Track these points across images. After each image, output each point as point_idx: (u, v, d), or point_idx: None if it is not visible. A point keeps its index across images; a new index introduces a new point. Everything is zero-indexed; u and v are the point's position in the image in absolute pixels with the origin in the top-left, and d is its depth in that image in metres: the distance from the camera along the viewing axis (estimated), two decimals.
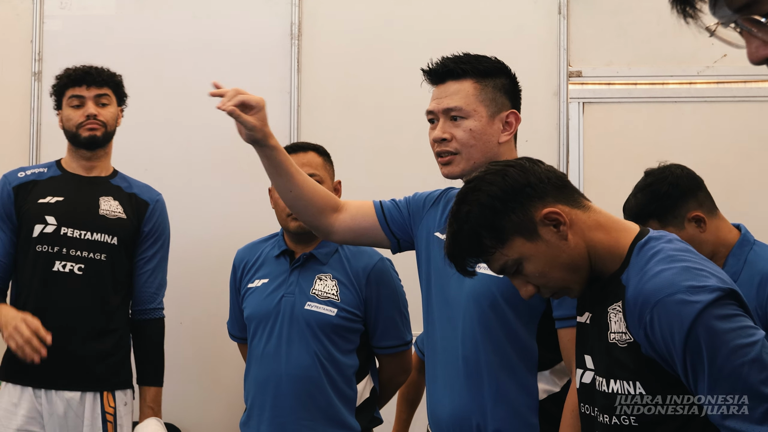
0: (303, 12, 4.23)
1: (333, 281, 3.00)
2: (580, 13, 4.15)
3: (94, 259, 3.26)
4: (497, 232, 1.89)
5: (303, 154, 3.03)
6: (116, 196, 3.36)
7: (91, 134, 3.30)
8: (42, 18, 4.30)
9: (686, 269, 1.76)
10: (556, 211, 1.88)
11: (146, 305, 3.38)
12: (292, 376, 2.93)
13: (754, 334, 1.70)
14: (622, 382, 1.83)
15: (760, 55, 1.23)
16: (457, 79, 2.35)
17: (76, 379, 3.24)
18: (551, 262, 1.89)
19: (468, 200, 1.92)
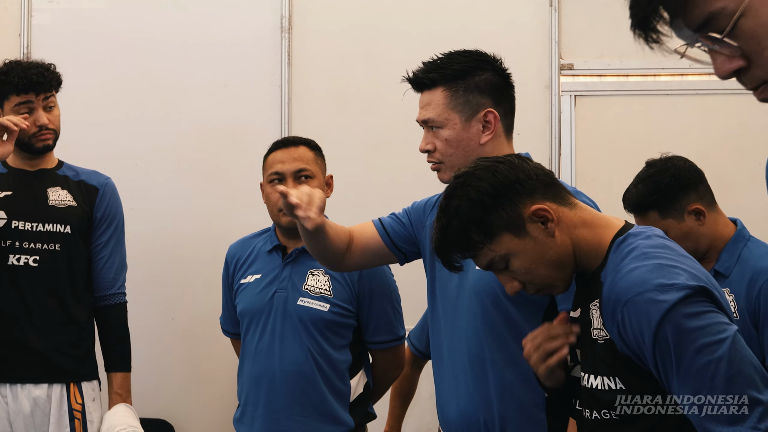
0: (293, 5, 4.21)
1: (325, 277, 2.99)
2: (571, 6, 4.14)
3: (48, 249, 3.22)
4: (485, 228, 1.89)
5: (294, 148, 3.02)
6: (64, 186, 3.32)
7: (45, 144, 3.26)
8: (30, 12, 4.27)
9: (658, 266, 1.76)
10: (545, 208, 1.89)
11: (106, 291, 3.34)
12: (286, 371, 2.92)
13: (724, 330, 1.69)
14: (602, 377, 1.84)
15: (725, 69, 1.26)
16: (428, 89, 2.37)
17: (40, 372, 3.20)
18: (538, 259, 1.90)
19: (457, 195, 1.92)
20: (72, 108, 3.74)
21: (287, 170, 2.97)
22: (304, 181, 2.95)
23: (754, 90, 1.27)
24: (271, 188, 2.97)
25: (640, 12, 1.28)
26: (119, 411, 3.20)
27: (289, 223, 2.96)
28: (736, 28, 1.22)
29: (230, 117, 4.19)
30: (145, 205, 3.93)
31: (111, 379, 3.31)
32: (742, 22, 1.22)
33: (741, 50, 1.24)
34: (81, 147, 3.73)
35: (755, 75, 1.25)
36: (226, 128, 4.20)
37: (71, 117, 3.59)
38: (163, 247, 4.13)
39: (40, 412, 3.20)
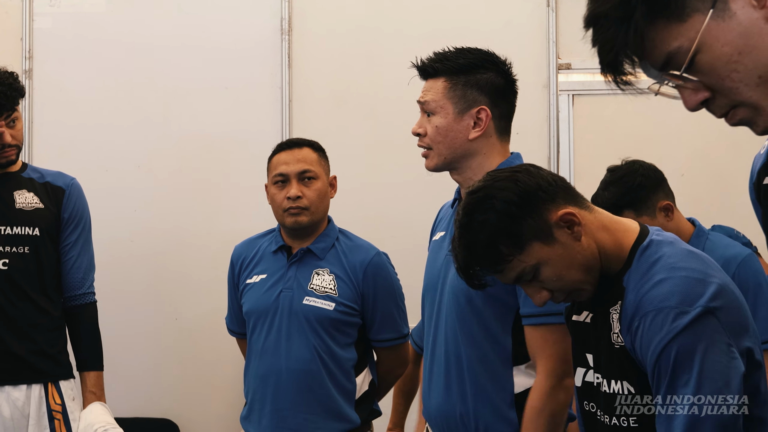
0: (293, 7, 4.25)
1: (330, 276, 3.02)
2: (568, 6, 4.18)
3: (17, 252, 3.23)
4: (515, 239, 1.86)
5: (298, 150, 3.05)
6: (30, 188, 3.32)
7: (8, 160, 3.27)
8: (32, 16, 4.30)
9: (686, 281, 1.77)
10: (571, 212, 1.87)
11: (75, 291, 3.35)
12: (292, 370, 2.95)
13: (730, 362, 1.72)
14: (621, 382, 1.85)
15: (692, 102, 1.34)
16: (432, 77, 2.42)
17: (17, 374, 3.22)
18: (569, 264, 1.88)
19: (481, 209, 1.89)
20: (73, 111, 3.78)
21: (291, 171, 3.00)
22: (308, 182, 2.99)
23: (724, 116, 1.34)
24: (276, 189, 3.01)
25: (606, 57, 1.35)
26: (95, 409, 3.21)
27: (293, 224, 3.00)
28: (695, 63, 1.29)
29: (231, 119, 4.23)
30: (147, 208, 3.97)
31: (84, 378, 3.32)
32: (699, 58, 1.29)
33: (703, 83, 1.31)
34: (82, 150, 3.77)
35: (721, 103, 1.32)
36: (227, 130, 4.23)
37: (73, 120, 3.64)
38: (166, 249, 4.16)
39: (19, 414, 3.21)
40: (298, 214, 2.97)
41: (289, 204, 2.97)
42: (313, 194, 2.98)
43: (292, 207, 2.96)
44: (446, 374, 2.39)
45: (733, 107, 1.32)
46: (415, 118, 2.60)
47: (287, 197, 2.96)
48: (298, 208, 2.96)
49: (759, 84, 1.30)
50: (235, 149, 4.19)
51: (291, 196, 2.95)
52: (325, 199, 3.02)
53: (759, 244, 3.76)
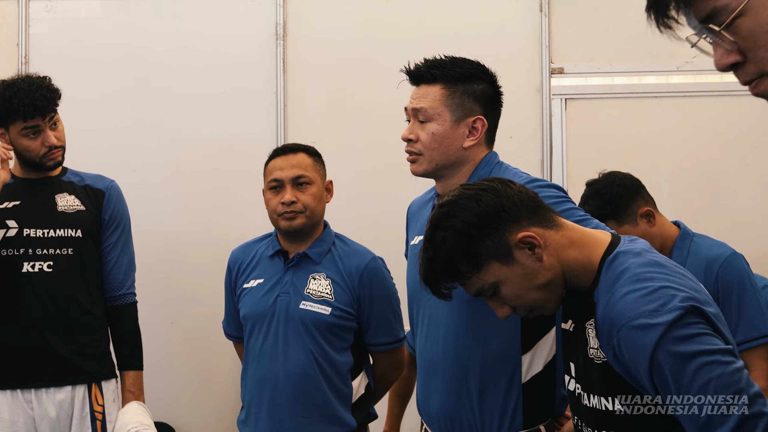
0: (288, 12, 4.27)
1: (327, 280, 3.04)
2: (561, 11, 4.20)
3: (61, 254, 3.29)
4: (473, 258, 1.89)
5: (293, 155, 3.07)
6: (71, 191, 3.39)
7: (55, 162, 3.33)
8: (28, 21, 4.32)
9: (651, 291, 1.77)
10: (531, 235, 1.88)
11: (116, 291, 3.41)
12: (289, 374, 2.97)
13: (717, 352, 1.71)
14: (600, 398, 1.86)
15: (722, 62, 1.35)
16: (428, 83, 2.44)
17: (62, 376, 3.27)
18: (527, 284, 1.90)
19: (442, 226, 1.92)
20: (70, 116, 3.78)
21: (286, 177, 3.02)
22: (302, 188, 3.01)
23: (748, 84, 1.35)
24: (271, 195, 3.03)
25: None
26: (132, 409, 3.25)
27: (287, 227, 3.02)
28: (736, 25, 1.30)
29: (226, 123, 4.25)
30: (143, 212, 3.98)
31: (123, 378, 3.39)
32: (742, 21, 1.30)
33: (738, 46, 1.32)
34: (79, 155, 3.76)
35: (749, 70, 1.33)
36: (222, 134, 4.25)
37: (69, 125, 3.63)
38: (162, 253, 4.18)
39: (65, 415, 3.27)
40: (293, 218, 3.00)
41: (283, 209, 2.99)
42: (309, 198, 3.01)
43: (287, 212, 2.99)
44: (447, 376, 2.39)
45: (761, 77, 1.33)
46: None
47: (282, 202, 2.99)
48: (292, 212, 2.99)
49: None
50: (230, 153, 4.21)
51: (285, 201, 2.98)
52: (320, 204, 3.05)
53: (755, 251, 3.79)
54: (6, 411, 3.26)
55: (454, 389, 2.39)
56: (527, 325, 2.33)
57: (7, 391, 3.26)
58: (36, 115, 3.23)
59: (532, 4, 4.21)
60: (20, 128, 3.26)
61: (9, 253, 3.26)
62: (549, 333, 2.37)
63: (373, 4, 4.27)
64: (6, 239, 3.27)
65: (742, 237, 3.91)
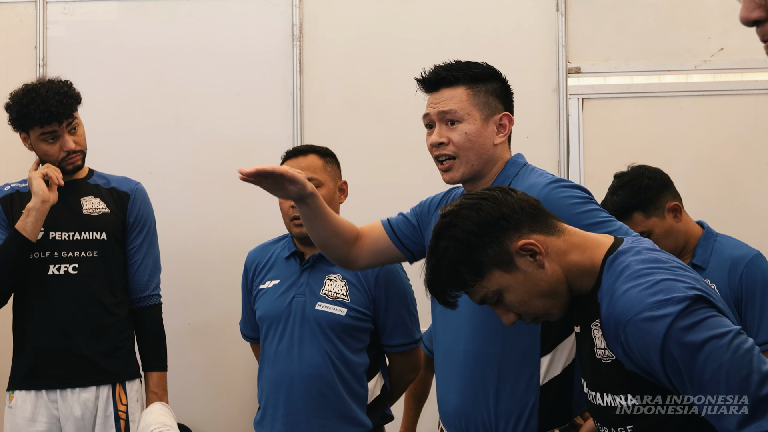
0: (304, 13, 4.27)
1: (342, 281, 3.04)
2: (577, 10, 4.19)
3: (86, 257, 3.32)
4: (475, 267, 1.92)
5: (303, 158, 3.07)
6: (96, 194, 3.42)
7: (74, 166, 3.36)
8: (45, 24, 4.34)
9: (651, 284, 1.78)
10: (532, 242, 1.90)
11: (141, 293, 3.45)
12: (305, 375, 2.98)
13: (726, 334, 1.71)
14: (612, 396, 1.87)
15: (747, 15, 1.36)
16: (450, 86, 2.43)
17: (87, 376, 3.30)
18: (530, 291, 1.92)
19: (444, 236, 1.94)
20: (88, 118, 3.79)
21: None
22: None
23: (765, 42, 1.36)
24: (283, 199, 3.04)
25: None
26: (155, 410, 3.27)
27: (298, 234, 3.03)
28: None
29: (243, 124, 4.25)
30: (161, 213, 3.96)
31: (147, 378, 3.42)
32: None
33: (765, 2, 1.33)
34: (97, 156, 3.78)
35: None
36: (239, 135, 4.26)
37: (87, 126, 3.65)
38: (179, 254, 4.19)
39: (89, 414, 3.30)
40: (302, 225, 2.99)
41: (293, 213, 3.00)
42: None
43: (296, 216, 2.99)
44: (465, 374, 2.39)
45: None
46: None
47: (291, 206, 2.99)
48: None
49: None
50: (247, 154, 4.22)
51: (294, 205, 2.98)
52: (331, 205, 3.02)
53: None
54: (29, 410, 3.29)
55: (471, 389, 2.38)
56: (547, 327, 2.33)
57: (31, 391, 3.30)
58: (52, 121, 3.26)
59: (548, 4, 4.20)
60: (39, 133, 3.29)
61: (35, 255, 3.29)
62: (569, 336, 2.36)
63: (389, 5, 4.27)
64: None
65: (761, 236, 3.89)
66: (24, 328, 3.32)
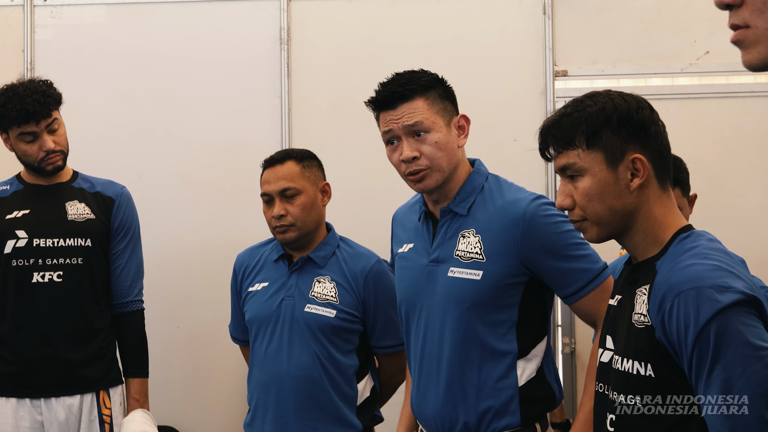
0: (291, 17, 4.29)
1: (331, 283, 3.05)
2: (564, 14, 4.22)
3: (71, 264, 3.30)
4: (593, 136, 1.92)
5: (280, 166, 3.06)
6: (81, 198, 3.39)
7: (54, 166, 3.32)
8: (33, 27, 4.34)
9: (717, 267, 1.79)
10: (645, 164, 1.91)
11: (123, 299, 3.42)
12: (294, 377, 2.98)
13: (763, 348, 1.71)
14: (634, 361, 1.87)
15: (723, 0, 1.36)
16: (407, 100, 2.45)
17: (71, 384, 3.29)
18: (603, 194, 1.93)
19: (596, 99, 1.95)
20: (75, 121, 3.81)
21: (273, 190, 3.02)
22: (291, 199, 3.01)
23: (733, 29, 1.37)
24: (265, 207, 3.06)
25: None
26: (136, 417, 3.27)
27: (282, 241, 3.06)
28: None
29: (231, 128, 4.26)
30: (149, 216, 3.99)
31: (129, 385, 3.40)
32: None
33: None
34: (85, 160, 3.79)
35: (742, 15, 1.35)
36: (227, 139, 4.27)
37: (75, 130, 3.66)
38: (168, 257, 4.19)
39: (74, 418, 3.29)
40: (284, 232, 3.01)
41: (275, 222, 3.02)
42: (297, 210, 3.00)
43: (278, 225, 3.01)
44: (445, 379, 2.44)
45: (746, 27, 1.35)
46: None
47: (273, 216, 3.01)
48: (282, 226, 3.00)
49: None
50: (234, 158, 4.23)
51: (275, 215, 3.00)
52: (312, 211, 3.04)
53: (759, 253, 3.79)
54: (11, 416, 3.27)
55: (450, 393, 2.44)
56: (522, 333, 2.41)
57: (12, 398, 3.28)
58: (30, 121, 3.22)
59: (535, 7, 4.22)
60: (17, 133, 3.25)
61: (20, 263, 3.27)
62: (542, 341, 2.46)
63: (376, 9, 4.29)
64: (16, 249, 3.28)
65: (746, 239, 3.92)
66: (6, 336, 3.28)
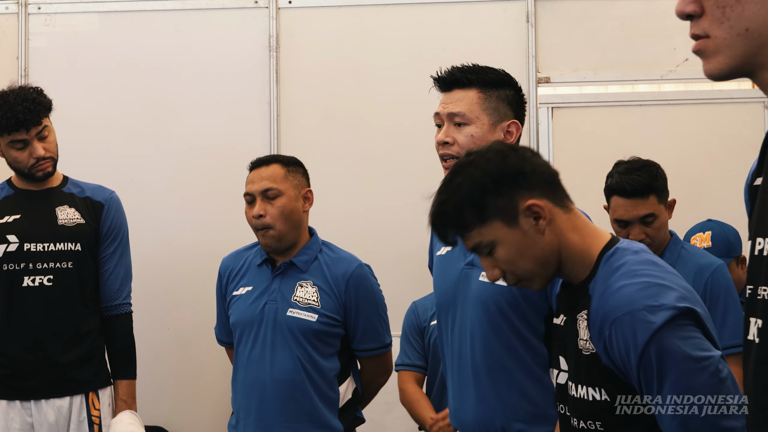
0: (281, 25, 4.35)
1: (313, 288, 3.10)
2: (547, 21, 4.28)
3: (61, 268, 3.34)
4: (480, 211, 1.90)
5: (265, 168, 3.13)
6: (71, 204, 3.42)
7: (44, 173, 3.35)
8: (27, 35, 4.41)
9: (647, 285, 1.81)
10: (540, 205, 1.89)
11: (112, 302, 3.46)
12: (277, 380, 3.03)
13: (707, 359, 1.75)
14: (588, 387, 1.90)
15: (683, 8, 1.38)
16: (463, 87, 2.45)
17: (61, 386, 3.34)
18: (523, 252, 1.91)
19: (463, 173, 1.93)
20: (68, 127, 3.88)
21: (255, 190, 3.09)
22: (271, 201, 3.07)
23: (695, 39, 1.38)
24: (247, 208, 3.12)
25: None
26: (124, 418, 3.32)
27: (263, 245, 3.11)
28: None
29: (221, 134, 4.33)
30: (140, 220, 4.05)
31: (116, 386, 3.44)
32: None
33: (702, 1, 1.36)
34: (77, 165, 3.84)
35: (702, 25, 1.36)
36: (217, 144, 4.34)
37: (67, 136, 3.73)
38: (158, 261, 4.26)
39: (63, 420, 3.34)
40: (264, 235, 3.07)
41: (255, 222, 3.07)
42: (276, 211, 3.05)
43: (258, 225, 3.07)
44: (477, 384, 2.42)
45: (706, 37, 1.36)
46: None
47: (253, 216, 3.07)
48: (263, 227, 3.06)
49: (740, 34, 1.33)
50: (224, 163, 4.29)
51: (254, 215, 3.06)
52: (292, 215, 3.08)
53: None
54: (1, 418, 3.32)
55: (487, 397, 2.41)
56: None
57: (2, 401, 3.32)
58: (20, 128, 3.25)
59: (519, 15, 4.28)
60: (8, 141, 3.29)
61: (10, 267, 3.31)
62: None
63: (364, 17, 4.35)
64: (7, 254, 3.32)
65: None
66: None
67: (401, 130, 4.24)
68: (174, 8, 4.40)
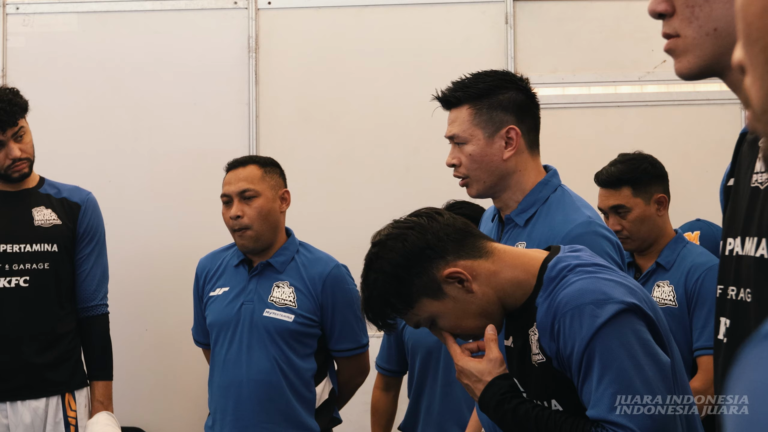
0: (260, 27, 4.36)
1: (290, 288, 3.11)
2: (526, 23, 4.30)
3: (37, 269, 3.34)
4: (405, 297, 1.90)
5: (242, 169, 3.13)
6: (48, 204, 3.42)
7: (20, 173, 3.35)
8: (5, 35, 4.39)
9: (596, 280, 1.83)
10: (457, 270, 1.89)
11: (88, 303, 3.46)
12: (253, 381, 3.04)
13: (652, 354, 1.78)
14: (546, 401, 1.89)
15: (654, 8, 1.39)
16: (455, 106, 2.45)
17: (37, 388, 3.33)
18: (461, 316, 1.92)
19: (373, 268, 1.93)
20: (47, 128, 3.88)
21: (232, 191, 3.10)
22: (248, 201, 3.07)
23: (666, 38, 1.39)
24: (224, 209, 3.12)
25: None
26: (101, 419, 3.31)
27: (241, 247, 3.12)
28: None
29: (200, 135, 4.33)
30: (118, 221, 4.05)
31: (93, 388, 3.44)
32: None
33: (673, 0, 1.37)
34: (55, 166, 3.84)
35: (672, 24, 1.38)
36: (196, 146, 4.34)
37: (46, 137, 3.72)
38: (136, 262, 4.25)
39: (39, 421, 3.33)
40: (242, 236, 3.07)
41: (232, 223, 3.08)
42: (253, 212, 3.06)
43: (235, 226, 3.07)
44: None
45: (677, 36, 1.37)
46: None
47: (231, 217, 3.07)
48: (240, 228, 3.06)
49: (709, 33, 1.34)
50: (203, 164, 4.29)
51: (231, 216, 3.06)
52: (269, 216, 3.09)
53: None
54: None
55: None
56: None
57: None
58: None
59: (497, 17, 4.30)
60: None
61: None
62: None
63: (343, 19, 4.36)
64: None
65: None
66: None
67: (380, 132, 4.25)
68: (153, 9, 4.39)
